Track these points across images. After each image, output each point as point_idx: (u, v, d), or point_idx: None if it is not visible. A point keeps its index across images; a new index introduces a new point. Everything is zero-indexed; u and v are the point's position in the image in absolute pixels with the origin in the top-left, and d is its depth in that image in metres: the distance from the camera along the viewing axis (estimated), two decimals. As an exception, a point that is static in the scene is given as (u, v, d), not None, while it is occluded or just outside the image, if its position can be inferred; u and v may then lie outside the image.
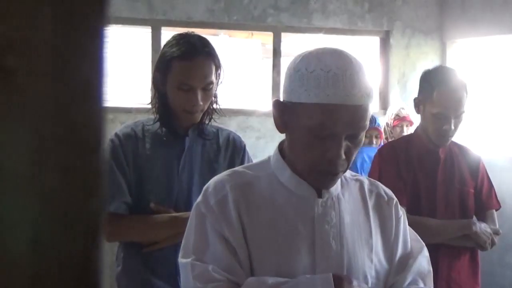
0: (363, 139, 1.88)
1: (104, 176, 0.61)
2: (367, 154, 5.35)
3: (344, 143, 1.80)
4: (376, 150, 4.10)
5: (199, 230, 1.92)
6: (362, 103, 1.78)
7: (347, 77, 1.76)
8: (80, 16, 0.58)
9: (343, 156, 1.81)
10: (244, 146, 3.07)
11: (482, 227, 3.38)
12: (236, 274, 1.85)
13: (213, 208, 1.91)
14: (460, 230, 3.37)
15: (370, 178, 2.17)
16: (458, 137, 3.46)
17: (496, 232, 3.43)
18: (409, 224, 2.17)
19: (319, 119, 1.76)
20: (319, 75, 1.77)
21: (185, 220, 2.07)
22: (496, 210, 3.57)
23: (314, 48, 1.89)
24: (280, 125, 1.91)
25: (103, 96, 0.60)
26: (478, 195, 3.49)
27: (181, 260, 1.92)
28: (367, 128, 1.86)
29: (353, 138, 1.82)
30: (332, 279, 1.81)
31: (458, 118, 3.30)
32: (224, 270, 1.84)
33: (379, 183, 2.15)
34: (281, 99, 1.91)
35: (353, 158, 1.88)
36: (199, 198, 1.98)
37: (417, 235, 2.16)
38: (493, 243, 3.41)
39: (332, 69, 1.77)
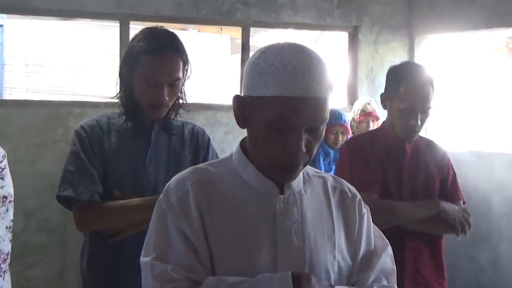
0: (324, 132, 1.88)
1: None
2: None
3: (305, 136, 1.81)
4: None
5: (160, 228, 1.92)
6: (321, 96, 1.79)
7: (306, 70, 1.77)
8: None
9: (304, 149, 1.81)
10: (208, 138, 3.08)
11: (449, 205, 3.40)
12: (197, 272, 1.85)
13: (174, 206, 1.91)
14: (429, 209, 3.37)
15: (334, 176, 2.17)
16: (428, 132, 3.48)
17: (465, 211, 3.45)
18: (378, 208, 2.17)
19: (278, 112, 1.77)
20: (277, 69, 1.77)
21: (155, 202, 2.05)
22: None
23: (273, 43, 1.89)
24: (241, 120, 1.92)
25: None
26: (443, 188, 3.51)
27: (142, 259, 1.91)
28: (327, 121, 1.85)
29: (313, 131, 1.83)
30: (290, 276, 1.80)
31: (424, 113, 3.32)
32: (184, 268, 1.84)
33: (343, 180, 2.15)
34: (242, 94, 1.91)
35: (315, 151, 1.88)
36: (161, 196, 1.97)
37: (381, 232, 2.16)
38: (467, 222, 3.42)
39: (290, 62, 1.77)
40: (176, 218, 1.89)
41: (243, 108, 1.88)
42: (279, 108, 1.77)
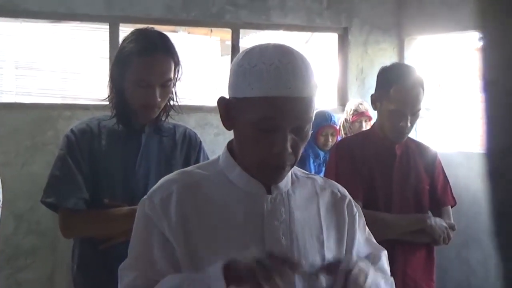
0: (310, 132, 1.87)
1: None
2: None
3: (290, 136, 1.81)
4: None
5: (140, 229, 1.94)
6: (306, 95, 1.79)
7: (289, 70, 1.77)
8: None
9: (289, 149, 1.81)
10: (200, 142, 3.07)
11: (437, 221, 3.41)
12: (167, 275, 1.84)
13: (156, 207, 1.91)
14: (415, 223, 3.39)
15: (324, 177, 2.18)
16: (417, 133, 3.48)
17: (451, 227, 3.45)
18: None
19: (263, 112, 1.77)
20: (261, 69, 1.77)
21: None
22: (452, 207, 3.60)
23: (257, 44, 1.89)
24: (227, 122, 1.92)
25: None
26: (433, 192, 3.51)
27: (120, 265, 1.94)
28: (312, 120, 1.85)
29: (299, 131, 1.82)
30: (221, 267, 1.71)
31: (414, 115, 3.33)
32: (157, 272, 1.84)
33: (333, 181, 2.16)
34: (227, 96, 1.91)
35: (301, 152, 1.88)
36: (145, 197, 1.98)
37: (372, 236, 2.18)
38: (448, 238, 3.43)
39: (274, 62, 1.77)
40: (157, 219, 1.89)
41: (229, 110, 1.89)
42: (264, 108, 1.77)
